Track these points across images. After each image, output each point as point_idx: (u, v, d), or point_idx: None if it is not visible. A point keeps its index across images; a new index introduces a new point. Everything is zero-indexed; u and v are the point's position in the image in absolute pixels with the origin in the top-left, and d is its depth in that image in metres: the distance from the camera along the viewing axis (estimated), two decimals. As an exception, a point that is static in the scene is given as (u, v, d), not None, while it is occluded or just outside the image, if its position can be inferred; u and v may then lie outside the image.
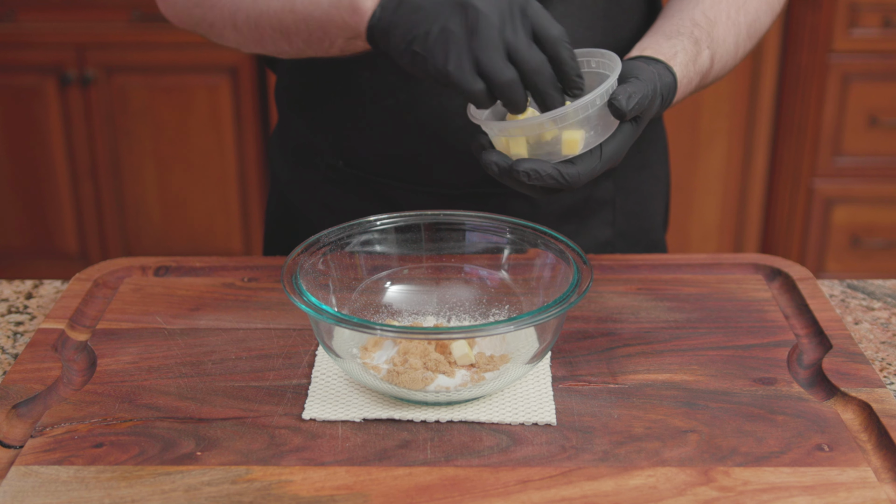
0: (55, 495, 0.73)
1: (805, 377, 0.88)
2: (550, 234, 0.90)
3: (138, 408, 0.83)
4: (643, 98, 0.85)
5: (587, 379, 0.87)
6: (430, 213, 0.92)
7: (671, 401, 0.83)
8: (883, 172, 2.50)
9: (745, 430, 0.80)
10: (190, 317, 0.97)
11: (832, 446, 0.78)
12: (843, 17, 2.38)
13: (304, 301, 0.81)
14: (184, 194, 2.58)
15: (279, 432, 0.80)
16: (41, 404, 0.84)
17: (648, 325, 0.95)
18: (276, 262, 1.08)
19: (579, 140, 0.83)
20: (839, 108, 2.45)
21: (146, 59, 2.45)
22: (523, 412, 0.82)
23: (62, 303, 0.98)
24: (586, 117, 0.83)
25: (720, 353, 0.90)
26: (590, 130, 0.84)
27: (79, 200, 2.58)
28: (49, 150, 2.54)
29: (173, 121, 2.51)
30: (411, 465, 0.76)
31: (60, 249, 2.63)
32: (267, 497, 0.72)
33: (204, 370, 0.88)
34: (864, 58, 2.42)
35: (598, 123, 0.84)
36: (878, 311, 1.02)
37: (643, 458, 0.76)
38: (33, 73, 2.48)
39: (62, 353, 0.91)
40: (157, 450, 0.77)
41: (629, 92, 0.83)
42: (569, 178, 0.83)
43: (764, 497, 0.72)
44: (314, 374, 0.87)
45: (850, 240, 2.55)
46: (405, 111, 1.05)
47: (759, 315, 0.97)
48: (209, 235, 2.61)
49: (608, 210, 1.15)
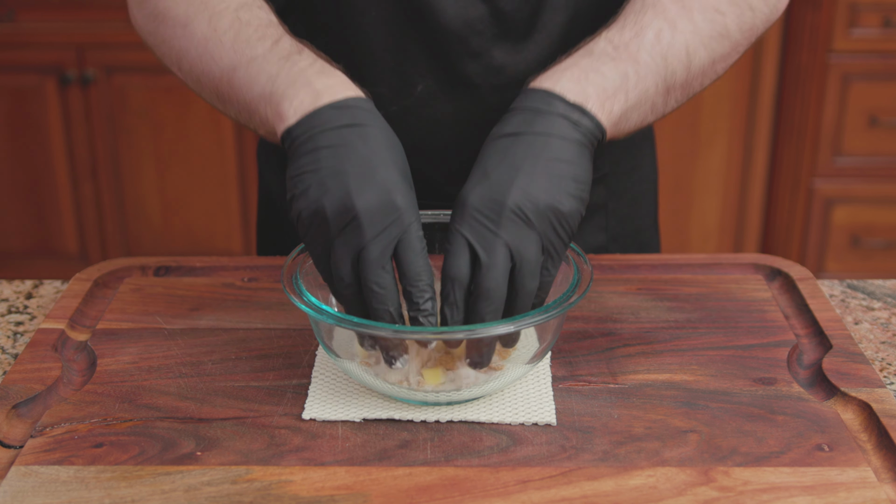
0: (55, 495, 0.73)
1: (805, 377, 0.88)
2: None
3: (138, 408, 0.83)
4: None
5: (587, 379, 0.87)
6: (430, 212, 0.92)
7: (671, 401, 0.83)
8: (883, 172, 2.50)
9: (745, 430, 0.80)
10: (190, 317, 0.97)
11: (832, 446, 0.78)
12: (843, 17, 2.38)
13: (304, 301, 0.81)
14: (184, 194, 2.58)
15: (279, 432, 0.80)
16: (41, 404, 0.84)
17: (648, 325, 0.95)
18: (276, 262, 1.08)
19: (439, 375, 0.82)
20: (839, 108, 2.45)
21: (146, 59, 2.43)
22: (523, 412, 0.82)
23: (62, 303, 0.98)
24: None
25: (720, 353, 0.90)
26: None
27: (79, 200, 2.58)
28: (49, 150, 2.54)
29: (173, 120, 2.51)
30: (411, 465, 0.76)
31: (60, 249, 2.63)
32: (267, 497, 0.72)
33: (204, 370, 0.88)
34: (864, 58, 2.42)
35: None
36: (878, 311, 1.02)
37: (643, 458, 0.76)
38: (33, 73, 2.48)
39: (62, 353, 0.91)
40: (157, 450, 0.77)
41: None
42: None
43: (764, 497, 0.72)
44: (314, 374, 0.87)
45: (850, 240, 2.55)
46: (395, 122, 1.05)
47: (759, 315, 0.97)
48: (209, 235, 2.61)
49: (601, 215, 1.15)
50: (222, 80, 0.90)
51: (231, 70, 0.88)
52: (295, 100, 0.82)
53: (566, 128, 0.81)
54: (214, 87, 0.91)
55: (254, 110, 0.87)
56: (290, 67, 0.85)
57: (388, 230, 0.77)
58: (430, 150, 1.06)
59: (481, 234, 0.77)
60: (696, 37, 0.91)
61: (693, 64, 0.91)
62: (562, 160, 0.79)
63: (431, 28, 1.00)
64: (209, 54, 0.90)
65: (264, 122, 0.85)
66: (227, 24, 0.91)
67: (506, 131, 0.81)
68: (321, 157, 0.79)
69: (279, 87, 0.84)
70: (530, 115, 0.81)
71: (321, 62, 0.86)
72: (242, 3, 0.92)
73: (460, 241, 0.78)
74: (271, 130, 0.85)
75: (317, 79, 0.83)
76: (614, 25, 0.90)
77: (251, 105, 0.87)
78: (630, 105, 0.86)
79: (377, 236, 0.77)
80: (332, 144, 0.79)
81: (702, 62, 0.92)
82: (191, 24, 0.93)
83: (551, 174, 0.78)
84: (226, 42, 0.90)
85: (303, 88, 0.83)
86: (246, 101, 0.87)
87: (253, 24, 0.90)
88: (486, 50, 1.02)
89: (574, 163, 0.80)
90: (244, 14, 0.91)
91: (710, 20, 0.92)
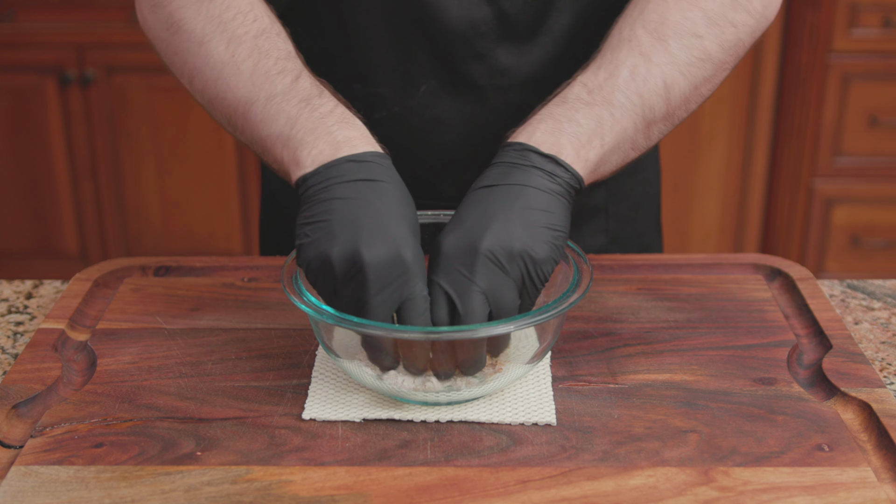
0: (55, 495, 0.73)
1: (805, 377, 0.88)
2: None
3: (138, 408, 0.83)
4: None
5: (587, 379, 0.87)
6: (430, 213, 0.92)
7: (671, 401, 0.84)
8: (883, 172, 2.50)
9: (745, 430, 0.80)
10: (190, 317, 0.97)
11: (832, 446, 0.78)
12: (843, 17, 2.38)
13: (304, 301, 0.81)
14: (184, 194, 2.58)
15: (279, 432, 0.80)
16: (41, 404, 0.84)
17: (648, 325, 0.95)
18: (276, 262, 1.08)
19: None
20: (839, 108, 2.45)
21: (146, 59, 2.45)
22: (523, 412, 0.82)
23: (62, 303, 0.98)
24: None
25: (720, 353, 0.90)
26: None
27: (79, 200, 2.58)
28: (49, 150, 2.54)
29: (173, 121, 2.51)
30: (411, 465, 0.76)
31: (60, 249, 2.63)
32: (267, 497, 0.72)
33: (204, 370, 0.88)
34: (864, 58, 2.42)
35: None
36: (878, 311, 1.02)
37: (643, 458, 0.76)
38: (33, 73, 2.48)
39: (62, 353, 0.91)
40: (157, 450, 0.77)
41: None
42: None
43: (764, 497, 0.72)
44: (314, 374, 0.87)
45: (850, 240, 2.55)
46: (398, 123, 1.05)
47: (759, 315, 0.97)
48: (209, 235, 2.62)
49: (601, 217, 1.15)
50: (237, 111, 0.89)
51: (248, 103, 0.88)
52: (314, 149, 0.82)
53: (541, 179, 0.82)
54: (228, 114, 0.90)
55: (268, 149, 0.86)
56: (310, 112, 0.85)
57: (394, 286, 0.77)
58: (432, 151, 1.06)
59: (457, 281, 0.78)
60: (672, 67, 0.90)
61: (673, 95, 0.90)
62: (536, 209, 0.80)
63: (435, 29, 1.00)
64: (225, 81, 0.90)
65: (278, 161, 0.85)
66: (245, 51, 0.90)
67: (483, 184, 0.82)
68: (334, 208, 0.79)
69: (298, 133, 0.84)
70: (506, 168, 0.83)
71: (341, 109, 0.86)
72: (261, 29, 0.91)
73: (438, 292, 0.78)
74: (285, 171, 0.85)
75: (337, 129, 0.83)
76: (590, 67, 0.90)
77: (266, 143, 0.86)
78: (607, 149, 0.87)
79: (381, 292, 0.77)
80: (347, 196, 0.79)
81: (682, 91, 0.91)
82: (207, 43, 0.91)
83: (526, 222, 0.79)
84: (244, 71, 0.89)
85: (322, 138, 0.83)
86: (261, 138, 0.87)
87: (273, 56, 0.89)
88: (490, 51, 1.02)
89: (549, 211, 0.80)
90: (263, 43, 0.90)
91: (686, 46, 0.91)
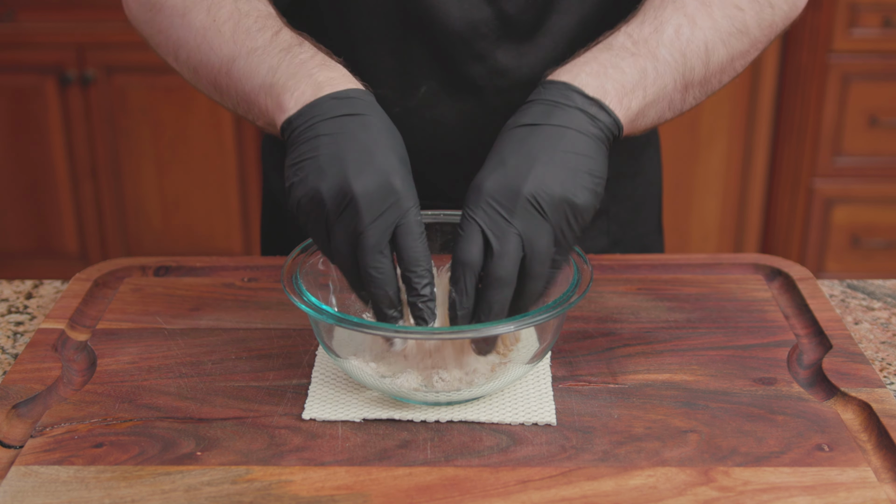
0: (55, 495, 0.73)
1: (805, 377, 0.88)
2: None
3: (138, 408, 0.83)
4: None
5: (587, 379, 0.87)
6: (430, 213, 0.92)
7: (671, 401, 0.83)
8: (883, 172, 2.50)
9: (745, 430, 0.80)
10: (190, 317, 0.97)
11: (832, 446, 0.78)
12: (843, 17, 2.38)
13: (304, 301, 0.81)
14: (184, 194, 2.58)
15: (279, 432, 0.80)
16: (41, 404, 0.84)
17: (648, 325, 0.95)
18: (276, 262, 1.08)
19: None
20: (839, 108, 2.45)
21: (146, 59, 2.44)
22: (523, 412, 0.82)
23: (62, 303, 0.98)
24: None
25: (720, 353, 0.90)
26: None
27: (79, 200, 2.58)
28: (49, 150, 2.54)
29: (173, 121, 2.51)
30: (411, 465, 0.76)
31: (60, 249, 2.63)
32: (267, 497, 0.72)
33: (204, 370, 0.88)
34: (864, 58, 2.42)
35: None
36: (878, 311, 1.02)
37: (643, 458, 0.76)
38: (33, 73, 2.48)
39: (62, 353, 0.91)
40: (157, 450, 0.77)
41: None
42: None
43: (764, 497, 0.72)
44: (314, 374, 0.87)
45: (850, 240, 2.55)
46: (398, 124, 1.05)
47: (759, 315, 0.97)
48: (209, 235, 2.61)
49: (602, 219, 1.15)
50: (221, 71, 0.90)
51: (230, 61, 0.88)
52: (296, 91, 0.82)
53: (584, 122, 0.81)
54: (212, 77, 0.91)
55: (253, 101, 0.87)
56: (290, 59, 0.85)
57: (386, 214, 0.77)
58: (432, 152, 1.06)
59: (495, 221, 0.77)
60: (715, 33, 0.90)
61: (712, 61, 0.90)
62: (578, 153, 0.79)
63: (435, 30, 1.00)
64: (208, 44, 0.90)
65: (264, 112, 0.85)
66: (226, 14, 0.91)
67: (523, 121, 0.81)
68: (320, 145, 0.79)
69: (280, 79, 0.84)
70: (549, 106, 0.81)
71: (322, 55, 0.86)
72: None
73: (473, 228, 0.77)
74: (271, 121, 0.85)
75: (318, 71, 0.84)
76: (634, 20, 0.89)
77: (250, 96, 0.87)
78: (648, 101, 0.86)
79: (375, 220, 0.77)
80: (332, 132, 0.79)
81: (720, 59, 0.91)
82: (189, 13, 0.93)
83: (568, 166, 0.78)
84: (225, 32, 0.90)
85: (304, 80, 0.83)
86: (245, 92, 0.87)
87: (252, 15, 0.90)
88: (490, 52, 1.01)
89: (590, 157, 0.80)
90: (243, 5, 0.91)
91: (729, 17, 0.91)
